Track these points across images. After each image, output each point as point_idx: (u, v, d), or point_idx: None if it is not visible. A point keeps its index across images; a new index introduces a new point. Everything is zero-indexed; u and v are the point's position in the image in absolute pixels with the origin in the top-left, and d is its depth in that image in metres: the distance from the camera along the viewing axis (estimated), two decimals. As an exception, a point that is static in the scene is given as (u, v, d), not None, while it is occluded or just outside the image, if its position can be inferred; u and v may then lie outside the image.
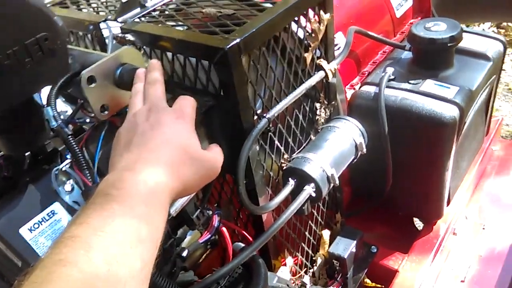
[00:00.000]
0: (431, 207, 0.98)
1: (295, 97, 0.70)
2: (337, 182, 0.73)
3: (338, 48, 0.96)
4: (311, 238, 0.90)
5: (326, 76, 0.75)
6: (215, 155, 0.53)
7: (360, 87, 0.96)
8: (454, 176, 1.00)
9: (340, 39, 0.98)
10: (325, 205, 0.91)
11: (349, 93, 0.97)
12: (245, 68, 0.60)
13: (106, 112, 0.56)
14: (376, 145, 0.89)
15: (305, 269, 0.91)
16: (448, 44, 0.89)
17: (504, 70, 2.15)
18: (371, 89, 0.93)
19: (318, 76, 0.74)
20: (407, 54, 1.00)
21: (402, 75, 0.94)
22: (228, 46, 0.55)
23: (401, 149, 0.92)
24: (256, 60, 0.63)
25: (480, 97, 0.96)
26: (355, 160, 0.79)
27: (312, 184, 0.70)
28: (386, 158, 0.92)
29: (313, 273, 0.92)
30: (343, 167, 0.76)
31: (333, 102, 0.82)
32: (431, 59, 0.94)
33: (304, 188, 0.70)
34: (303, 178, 0.71)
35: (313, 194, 0.70)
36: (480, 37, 1.03)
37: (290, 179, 0.71)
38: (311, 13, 0.71)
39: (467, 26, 1.51)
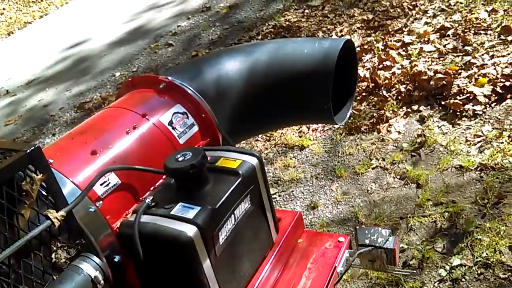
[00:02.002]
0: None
1: (14, 249, 0.80)
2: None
3: (111, 185, 1.11)
4: None
5: (53, 224, 0.87)
6: None
7: (129, 215, 1.09)
8: (231, 282, 1.11)
9: (113, 179, 1.12)
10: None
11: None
12: None
13: None
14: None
15: None
16: (190, 171, 1.05)
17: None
18: (133, 217, 1.05)
19: (43, 226, 0.86)
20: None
21: (163, 201, 1.08)
22: None
23: (163, 272, 1.03)
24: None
25: (235, 209, 1.11)
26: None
27: (36, 327, 0.79)
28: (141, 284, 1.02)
29: None
30: (77, 302, 0.85)
31: (78, 240, 0.93)
32: (184, 184, 1.09)
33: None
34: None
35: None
36: (238, 154, 1.21)
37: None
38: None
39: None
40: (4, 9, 8.91)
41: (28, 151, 0.83)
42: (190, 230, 0.98)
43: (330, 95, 1.46)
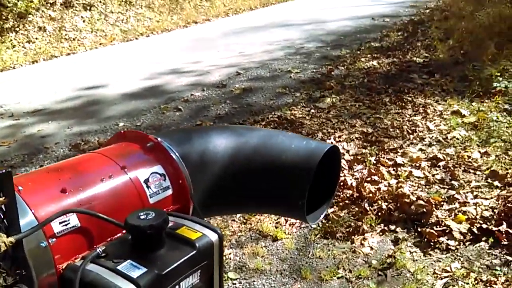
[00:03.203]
0: None
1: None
2: None
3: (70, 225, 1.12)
4: None
5: (0, 248, 0.88)
6: None
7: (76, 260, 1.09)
8: None
9: (73, 220, 1.14)
10: None
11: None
12: None
13: None
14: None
15: None
16: (147, 231, 1.07)
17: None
18: (80, 263, 1.06)
19: (-13, 248, 0.87)
20: (135, 235, 1.16)
21: (114, 254, 1.09)
22: None
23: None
24: None
25: (182, 281, 1.11)
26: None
27: None
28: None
29: None
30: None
31: (19, 270, 0.94)
32: (139, 242, 1.11)
33: None
34: None
35: None
36: (201, 227, 1.23)
37: None
38: None
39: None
40: (37, 38, 9.33)
41: (-1, 173, 0.86)
42: (129, 289, 0.98)
43: (306, 193, 1.50)
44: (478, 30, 6.82)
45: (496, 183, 3.06)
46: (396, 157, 3.49)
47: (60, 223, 1.10)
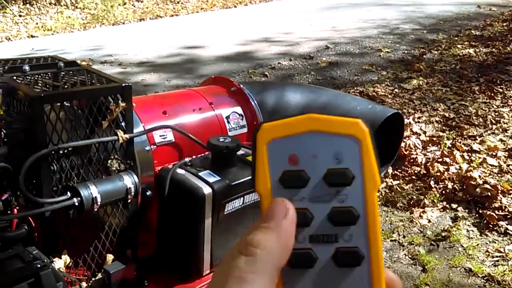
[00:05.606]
0: (191, 266, 1.34)
1: (83, 144, 1.14)
2: (99, 203, 1.13)
3: (166, 139, 1.44)
4: (96, 255, 1.25)
5: (118, 140, 1.20)
6: None
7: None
8: (221, 249, 1.37)
9: (169, 136, 1.45)
10: (108, 237, 1.27)
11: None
12: (48, 114, 1.05)
13: None
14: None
15: (86, 278, 1.25)
16: (224, 150, 1.35)
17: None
18: (171, 166, 1.37)
19: (110, 138, 1.19)
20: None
21: (197, 165, 1.38)
22: (33, 94, 1.02)
23: (175, 215, 1.33)
24: (62, 111, 1.09)
25: (246, 195, 1.38)
26: (128, 200, 1.21)
27: (79, 198, 1.11)
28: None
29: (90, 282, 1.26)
30: (111, 198, 1.17)
31: (129, 162, 1.26)
32: (216, 159, 1.39)
33: (73, 199, 1.11)
34: (75, 193, 1.12)
35: (76, 204, 1.11)
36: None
37: (68, 192, 1.12)
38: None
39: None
40: (146, -2, 10.07)
41: (124, 85, 1.18)
42: (206, 189, 1.27)
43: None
44: None
45: None
46: (473, 143, 3.48)
47: (160, 135, 1.41)
